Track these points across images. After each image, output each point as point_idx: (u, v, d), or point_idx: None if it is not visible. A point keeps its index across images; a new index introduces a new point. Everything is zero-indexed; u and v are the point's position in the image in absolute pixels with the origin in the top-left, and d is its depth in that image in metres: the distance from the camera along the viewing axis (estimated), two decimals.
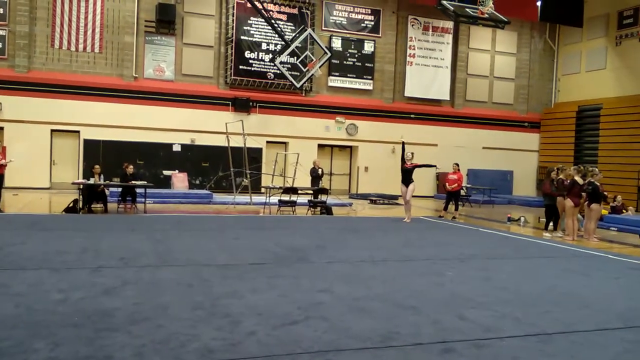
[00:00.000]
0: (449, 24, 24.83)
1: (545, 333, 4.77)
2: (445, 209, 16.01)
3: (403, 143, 13.81)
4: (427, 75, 24.79)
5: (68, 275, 6.23)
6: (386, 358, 4.01)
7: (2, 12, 19.19)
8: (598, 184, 12.13)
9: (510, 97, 26.68)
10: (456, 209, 15.75)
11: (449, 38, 25.11)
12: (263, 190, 19.24)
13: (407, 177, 13.34)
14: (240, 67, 21.83)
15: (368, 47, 23.92)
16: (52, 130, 19.68)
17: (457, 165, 16.12)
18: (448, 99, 25.32)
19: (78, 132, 19.91)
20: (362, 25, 23.86)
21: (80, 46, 20.06)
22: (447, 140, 24.79)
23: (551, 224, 13.38)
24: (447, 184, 15.99)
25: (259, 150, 21.12)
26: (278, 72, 21.43)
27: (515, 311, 5.44)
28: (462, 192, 20.94)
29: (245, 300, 5.42)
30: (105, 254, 7.62)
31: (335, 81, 23.50)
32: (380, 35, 24.13)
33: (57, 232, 9.60)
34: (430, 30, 24.81)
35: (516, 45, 26.63)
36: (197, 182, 20.91)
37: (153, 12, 20.81)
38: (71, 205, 13.05)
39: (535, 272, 7.81)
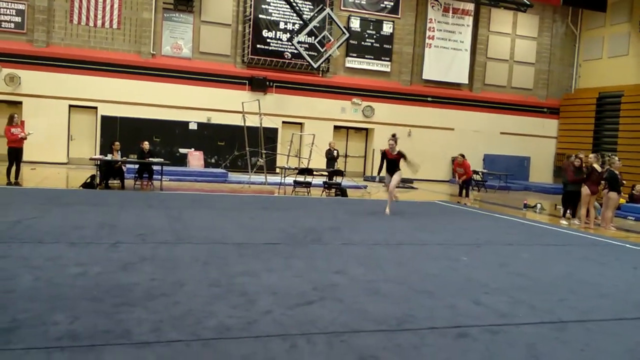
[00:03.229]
0: (470, 6, 24.46)
1: (561, 321, 4.75)
2: (460, 194, 15.98)
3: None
4: (445, 58, 24.49)
5: (86, 249, 6.30)
6: (401, 341, 4.02)
7: None
8: (617, 172, 11.98)
9: (530, 82, 26.31)
10: (467, 196, 15.74)
11: (469, 20, 24.73)
12: (278, 170, 19.31)
13: (391, 166, 11.72)
14: (258, 46, 21.71)
15: (387, 28, 23.66)
16: (70, 106, 19.79)
17: (463, 156, 16.00)
18: (467, 82, 25.03)
19: (96, 108, 20.00)
20: (382, 5, 23.57)
21: (99, 22, 20.06)
22: (464, 124, 24.57)
23: (569, 211, 13.26)
24: (456, 176, 16.08)
25: (275, 130, 21.10)
26: (295, 51, 21.29)
27: (531, 298, 5.42)
28: (478, 177, 20.84)
29: (261, 279, 5.46)
30: (123, 229, 7.69)
31: (353, 62, 23.31)
32: (399, 16, 23.84)
33: (75, 207, 9.69)
34: (451, 12, 24.46)
35: (537, 29, 26.18)
36: (213, 160, 20.97)
37: None
38: (89, 180, 13.17)
39: (551, 260, 7.76)
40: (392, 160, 11.57)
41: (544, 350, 4.03)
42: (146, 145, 14.37)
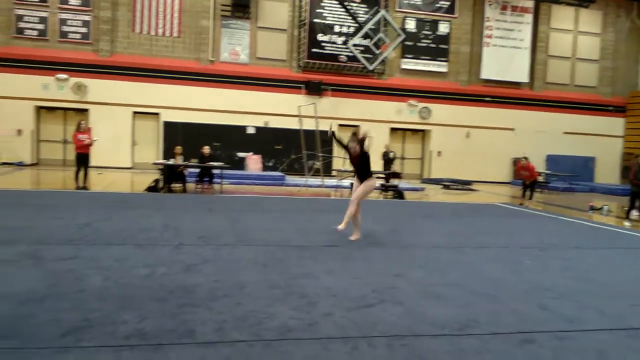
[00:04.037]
0: (529, 3, 23.82)
1: (633, 328, 4.54)
2: (523, 196, 15.55)
3: (333, 133, 10.31)
4: (504, 56, 23.93)
5: (151, 251, 6.50)
6: (464, 346, 3.94)
7: None
8: None
9: (594, 79, 25.35)
10: (530, 198, 15.30)
11: (528, 18, 24.08)
12: (334, 173, 19.37)
13: (359, 169, 8.23)
14: (313, 50, 21.87)
15: (443, 28, 23.35)
16: (134, 112, 20.50)
17: (526, 158, 15.58)
18: (527, 81, 24.36)
19: (158, 114, 20.64)
20: (437, 5, 23.28)
21: (160, 30, 20.71)
22: (525, 124, 23.91)
23: (635, 212, 12.67)
24: (520, 177, 15.80)
25: (331, 133, 21.13)
26: (350, 54, 21.32)
27: (599, 303, 5.21)
28: (541, 179, 20.22)
29: (320, 281, 5.48)
30: (185, 232, 7.89)
31: (409, 63, 23.12)
32: (456, 15, 23.47)
33: (140, 210, 10.02)
34: (509, 9, 23.88)
35: (601, 25, 25.20)
36: (270, 164, 21.25)
37: None
38: (152, 184, 13.60)
39: (620, 263, 7.44)
40: (356, 164, 8.19)
41: (615, 358, 3.87)
42: (206, 149, 14.70)
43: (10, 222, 7.90)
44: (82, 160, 13.66)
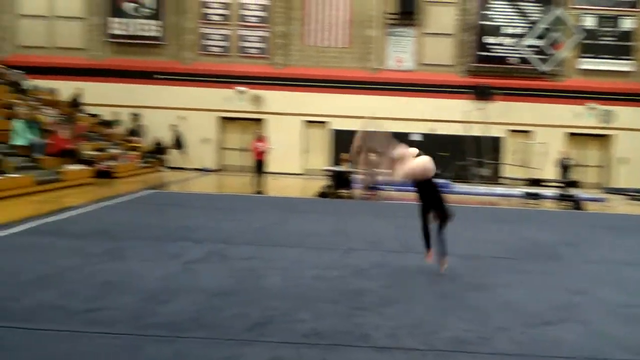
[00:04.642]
0: None
1: None
2: None
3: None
4: None
5: (323, 254, 6.76)
6: None
7: (265, 15, 21.54)
8: None
9: None
10: None
11: None
12: (504, 181, 18.55)
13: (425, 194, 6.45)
14: (481, 53, 21.19)
15: (626, 24, 21.24)
16: (305, 121, 21.52)
17: None
18: None
19: (327, 122, 21.45)
20: None
21: (329, 42, 21.52)
22: None
23: None
24: None
25: (500, 139, 20.32)
26: (521, 56, 20.30)
27: None
28: None
29: (493, 294, 5.28)
30: (354, 237, 8.09)
31: (587, 63, 21.39)
32: None
33: (311, 215, 10.49)
34: None
35: None
36: (436, 171, 20.92)
37: (394, 5, 21.33)
38: (322, 190, 14.17)
39: None
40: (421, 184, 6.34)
41: None
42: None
43: (199, 223, 8.73)
44: (259, 166, 14.67)
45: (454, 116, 20.09)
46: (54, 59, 21.38)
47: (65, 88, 20.48)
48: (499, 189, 17.07)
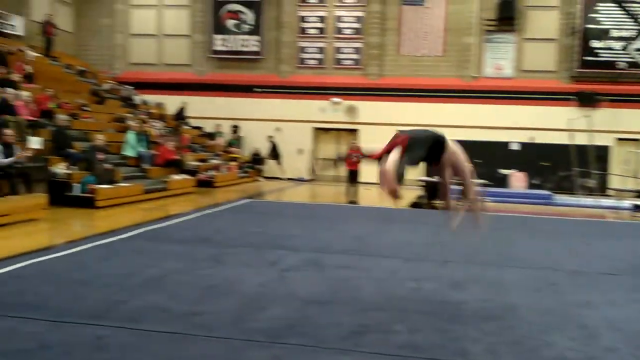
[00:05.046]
0: None
1: None
2: None
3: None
4: None
5: (418, 265, 6.70)
6: None
7: (359, 27, 21.72)
8: None
9: None
10: None
11: None
12: (612, 192, 17.47)
13: None
14: (586, 58, 20.11)
15: None
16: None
17: None
18: None
19: None
20: None
21: (424, 51, 21.32)
22: None
23: None
24: None
25: (607, 148, 19.16)
26: (630, 60, 19.07)
27: None
28: None
29: (601, 312, 4.99)
30: (449, 248, 7.93)
31: None
32: None
33: (405, 225, 10.42)
34: None
35: None
36: (536, 181, 20.09)
37: (493, 11, 20.77)
38: (416, 200, 14.02)
39: None
40: None
41: None
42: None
43: (294, 231, 8.93)
44: (352, 176, 14.77)
45: (556, 124, 19.17)
46: (161, 75, 22.72)
47: (171, 102, 21.69)
48: (606, 201, 16.07)
